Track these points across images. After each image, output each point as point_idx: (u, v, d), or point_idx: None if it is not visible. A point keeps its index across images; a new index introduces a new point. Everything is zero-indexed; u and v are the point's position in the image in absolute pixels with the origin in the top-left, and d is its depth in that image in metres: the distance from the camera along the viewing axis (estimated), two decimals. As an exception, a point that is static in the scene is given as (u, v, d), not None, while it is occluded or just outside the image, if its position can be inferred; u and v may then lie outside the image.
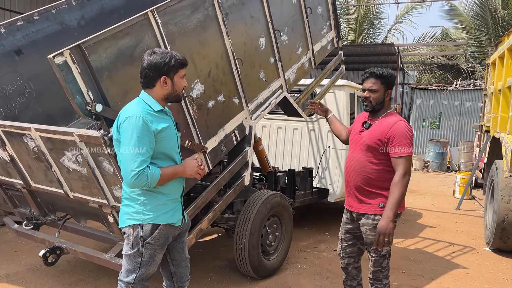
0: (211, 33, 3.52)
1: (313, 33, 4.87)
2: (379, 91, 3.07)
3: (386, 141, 2.98)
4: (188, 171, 2.49)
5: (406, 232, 6.61)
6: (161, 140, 2.38)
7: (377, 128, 3.07)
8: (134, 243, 2.41)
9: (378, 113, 3.14)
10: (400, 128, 2.98)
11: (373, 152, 3.05)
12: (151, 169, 2.29)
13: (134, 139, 2.27)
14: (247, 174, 3.98)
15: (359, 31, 20.11)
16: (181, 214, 2.59)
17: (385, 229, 2.85)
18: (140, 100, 2.41)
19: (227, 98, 3.72)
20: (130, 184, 2.29)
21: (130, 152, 2.26)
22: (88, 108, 2.58)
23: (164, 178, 2.37)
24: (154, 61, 2.37)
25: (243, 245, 4.11)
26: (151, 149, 2.33)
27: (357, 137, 3.20)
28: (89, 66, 2.58)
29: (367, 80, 3.12)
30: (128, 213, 2.42)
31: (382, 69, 3.11)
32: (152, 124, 2.33)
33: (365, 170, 3.08)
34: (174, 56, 2.42)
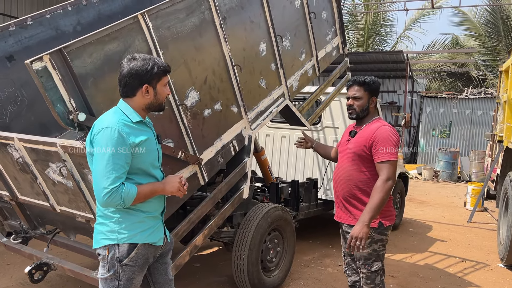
0: (207, 38, 3.33)
1: (317, 39, 4.68)
2: (363, 98, 3.01)
3: (370, 147, 2.88)
4: (168, 188, 2.28)
5: (415, 246, 6.34)
6: (138, 154, 2.18)
7: (362, 135, 2.98)
8: (110, 265, 2.21)
9: (363, 120, 3.06)
10: (383, 132, 2.87)
11: (361, 160, 2.94)
12: (126, 186, 2.09)
13: (108, 154, 2.07)
14: (246, 186, 3.77)
15: (368, 38, 19.91)
16: (163, 232, 2.39)
17: (358, 233, 2.69)
18: (118, 110, 2.22)
19: (224, 107, 3.53)
20: (102, 203, 2.09)
21: (103, 167, 2.06)
22: (70, 117, 2.40)
23: (141, 197, 2.17)
24: (135, 68, 2.18)
25: (241, 262, 3.89)
26: (127, 164, 2.13)
27: (344, 146, 3.11)
28: (72, 72, 2.40)
29: (350, 88, 3.07)
30: (103, 232, 2.22)
31: (365, 77, 3.06)
32: (129, 136, 2.13)
33: (353, 179, 2.96)
34: (156, 62, 2.22)
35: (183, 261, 3.22)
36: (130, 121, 2.20)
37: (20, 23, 4.07)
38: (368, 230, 2.70)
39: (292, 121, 4.61)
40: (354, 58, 16.66)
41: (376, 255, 2.97)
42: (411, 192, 11.52)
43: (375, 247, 2.95)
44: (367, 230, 2.70)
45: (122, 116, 2.19)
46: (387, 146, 2.83)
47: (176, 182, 2.31)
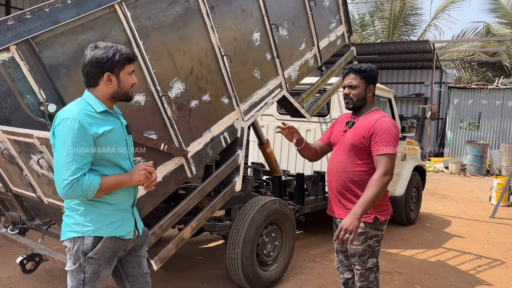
0: (193, 28, 3.26)
1: (318, 28, 4.53)
2: (359, 86, 2.86)
3: (369, 138, 2.75)
4: (135, 178, 2.22)
5: (429, 242, 6.12)
6: (103, 145, 2.14)
7: (361, 125, 2.84)
8: (75, 258, 2.18)
9: (361, 110, 2.92)
10: (384, 124, 2.74)
11: (357, 152, 2.81)
12: (88, 178, 2.05)
13: (68, 144, 2.03)
14: (238, 179, 3.70)
15: (393, 28, 19.36)
16: (133, 225, 2.34)
17: (348, 225, 2.54)
18: (81, 101, 2.18)
19: (214, 98, 3.46)
20: (62, 195, 2.05)
21: (64, 158, 2.03)
22: (41, 108, 2.39)
23: (105, 188, 2.12)
24: (96, 56, 2.13)
25: (235, 255, 3.83)
26: (90, 155, 2.09)
27: (340, 137, 2.95)
28: (41, 63, 2.38)
29: (346, 76, 2.93)
30: (68, 225, 2.20)
31: (362, 64, 2.92)
32: (91, 127, 2.09)
33: (348, 172, 2.83)
34: (119, 50, 2.17)
35: (168, 254, 3.18)
36: (94, 111, 2.16)
37: (19, 17, 4.11)
38: (359, 224, 2.57)
39: (292, 112, 4.49)
40: (379, 49, 16.26)
41: (371, 251, 2.85)
42: (434, 186, 11.17)
43: (370, 243, 2.83)
44: (358, 223, 2.56)
45: (85, 106, 2.15)
46: (386, 138, 2.70)
47: (142, 170, 2.24)
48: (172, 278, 4.34)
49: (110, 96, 2.22)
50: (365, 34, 20.45)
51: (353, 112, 2.98)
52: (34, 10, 4.22)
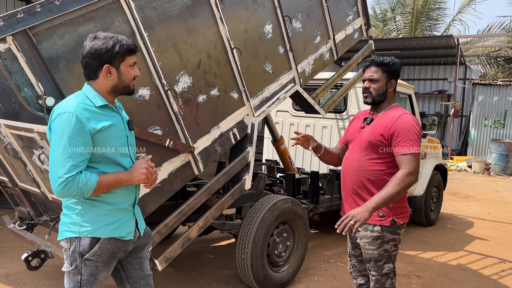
0: (201, 19, 3.14)
1: (335, 20, 4.36)
2: (380, 80, 2.69)
3: (390, 137, 2.58)
4: (135, 176, 2.10)
5: (450, 244, 5.88)
6: (101, 141, 2.03)
7: (380, 122, 2.66)
8: (72, 259, 2.09)
9: (380, 106, 2.74)
10: (406, 122, 2.57)
11: (375, 150, 2.64)
12: (84, 175, 1.95)
13: (65, 140, 1.93)
14: (248, 177, 3.57)
15: (416, 23, 18.87)
16: (133, 226, 2.23)
17: (357, 214, 2.35)
18: (80, 94, 2.07)
19: (223, 92, 3.33)
20: (57, 193, 1.95)
21: (59, 155, 1.93)
22: (40, 102, 2.30)
23: (103, 187, 2.02)
24: (94, 47, 2.02)
25: (245, 255, 3.71)
26: (87, 152, 1.98)
27: (356, 134, 2.78)
28: (40, 55, 2.30)
29: (367, 69, 2.76)
30: (66, 224, 2.10)
31: (384, 57, 2.73)
32: (89, 122, 1.98)
33: (365, 170, 2.66)
34: (119, 41, 2.06)
35: (173, 254, 3.08)
36: (93, 105, 2.05)
37: (29, 10, 4.06)
38: (368, 217, 2.39)
39: (306, 108, 4.34)
40: (400, 44, 15.87)
41: (388, 256, 2.69)
42: (457, 185, 10.83)
43: (386, 247, 2.67)
44: (368, 216, 2.38)
45: (84, 100, 2.05)
46: (410, 137, 2.53)
47: (143, 168, 2.13)
48: (181, 277, 4.25)
49: (110, 89, 2.11)
50: (386, 30, 20.01)
51: (371, 107, 2.81)
52: (44, 3, 4.16)
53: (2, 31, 2.31)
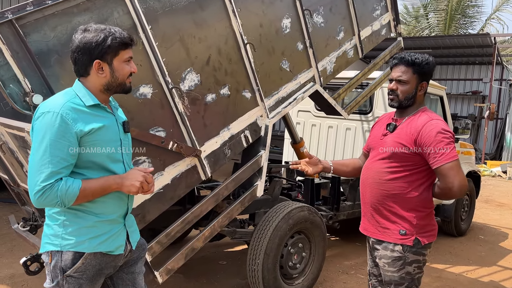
0: (211, 12, 2.90)
1: (360, 15, 4.04)
2: (409, 82, 2.34)
3: (417, 148, 2.27)
4: (127, 184, 1.86)
5: (482, 258, 5.46)
6: (89, 145, 1.80)
7: (404, 131, 2.34)
8: (53, 275, 1.88)
9: (406, 111, 2.41)
10: (433, 129, 2.23)
11: (398, 162, 2.33)
12: (64, 182, 1.73)
13: (46, 143, 1.72)
14: (260, 183, 3.31)
15: (450, 21, 18.11)
16: (124, 239, 2.00)
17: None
18: (70, 92, 1.86)
19: (234, 91, 3.08)
20: (34, 203, 1.74)
21: (39, 160, 1.72)
22: (26, 99, 2.11)
23: (88, 194, 1.79)
24: (84, 41, 1.80)
25: (256, 267, 3.46)
26: (72, 157, 1.76)
27: (378, 142, 2.46)
28: (27, 48, 2.10)
29: (395, 68, 2.40)
30: (47, 236, 1.89)
31: (416, 54, 2.36)
32: (76, 123, 1.76)
33: (386, 183, 2.35)
34: (112, 33, 1.83)
35: (176, 265, 2.85)
36: (83, 104, 1.83)
37: (38, 2, 3.93)
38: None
39: (327, 109, 4.04)
40: (433, 43, 15.27)
41: (410, 279, 2.37)
42: (490, 192, 10.27)
43: (409, 269, 2.35)
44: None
45: (72, 98, 1.82)
46: (441, 145, 2.21)
47: (139, 177, 1.88)
48: (190, 285, 4.04)
49: (103, 87, 1.89)
50: (418, 28, 19.31)
51: (396, 111, 2.48)
52: None
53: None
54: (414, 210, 2.33)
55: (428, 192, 2.37)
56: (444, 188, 2.24)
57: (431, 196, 2.38)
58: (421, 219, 2.34)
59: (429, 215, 2.40)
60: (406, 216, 2.32)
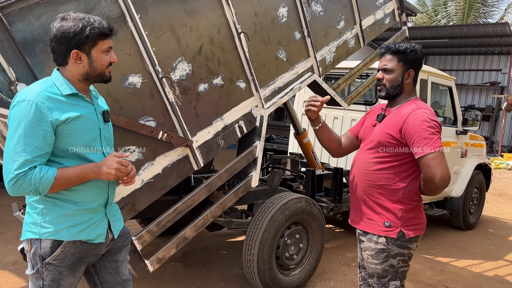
0: (203, 0, 2.87)
1: (362, 4, 3.96)
2: (395, 71, 2.32)
3: (402, 138, 2.24)
4: (104, 170, 1.85)
5: (488, 252, 5.36)
6: (66, 134, 1.81)
7: (391, 120, 2.31)
8: (33, 262, 1.91)
9: (396, 100, 2.38)
10: (418, 118, 2.20)
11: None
12: (39, 170, 1.74)
13: (20, 132, 1.73)
14: (255, 173, 3.29)
15: (469, 9, 17.66)
16: (105, 228, 2.01)
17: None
18: (47, 80, 1.86)
19: (227, 81, 3.06)
20: (9, 190, 1.76)
21: (12, 148, 1.73)
22: (12, 88, 2.13)
23: (63, 182, 1.80)
24: (61, 30, 1.80)
25: (251, 257, 3.45)
26: (48, 146, 1.77)
27: (368, 132, 2.45)
28: (12, 37, 2.11)
29: (382, 57, 2.39)
30: (27, 223, 1.92)
31: (401, 43, 2.34)
32: (52, 112, 1.77)
33: (372, 174, 2.33)
34: (91, 23, 1.82)
35: (167, 254, 2.87)
36: (60, 93, 1.84)
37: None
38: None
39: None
40: (450, 32, 14.91)
41: (394, 272, 2.35)
42: (504, 185, 10.05)
43: (392, 262, 2.33)
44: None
45: (49, 87, 1.83)
46: (423, 135, 2.17)
47: (114, 164, 1.86)
48: (189, 274, 4.06)
49: (81, 77, 1.89)
50: (435, 18, 18.89)
51: (388, 102, 2.45)
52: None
53: None
54: (399, 202, 2.30)
55: (415, 185, 2.33)
56: (426, 179, 2.20)
57: (417, 188, 2.34)
58: (407, 212, 2.31)
59: (416, 208, 2.36)
60: (391, 208, 2.29)
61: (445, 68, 17.77)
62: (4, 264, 4.05)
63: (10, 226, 5.07)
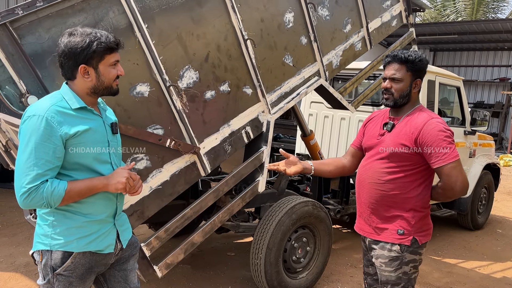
0: (210, 8, 2.89)
1: (369, 7, 3.95)
2: (403, 80, 2.31)
3: (418, 148, 2.26)
4: (113, 183, 1.90)
5: (497, 253, 5.34)
6: (75, 147, 1.85)
7: (403, 130, 2.31)
8: (44, 273, 1.95)
9: (402, 109, 2.37)
10: (434, 128, 2.22)
11: (397, 161, 2.31)
12: (50, 184, 1.78)
13: (31, 146, 1.77)
14: (262, 178, 3.31)
15: (478, 5, 17.49)
16: (114, 238, 2.05)
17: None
18: (56, 95, 1.90)
19: (234, 88, 3.08)
20: (21, 204, 1.80)
21: (24, 162, 1.77)
22: (22, 100, 2.17)
23: (74, 195, 1.84)
24: (69, 46, 1.83)
25: (259, 261, 3.48)
26: (58, 159, 1.81)
27: (374, 141, 2.43)
28: (22, 50, 2.15)
29: (388, 66, 2.37)
30: (38, 235, 1.96)
31: (409, 52, 2.33)
32: (61, 126, 1.80)
33: (385, 184, 2.33)
34: (97, 38, 1.85)
35: (175, 259, 2.91)
36: (69, 107, 1.88)
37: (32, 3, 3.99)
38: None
39: (333, 103, 3.99)
40: (459, 28, 14.79)
41: (407, 279, 2.37)
42: (515, 184, 9.98)
43: (405, 269, 2.35)
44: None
45: (59, 101, 1.87)
46: (444, 144, 2.20)
47: (123, 177, 1.92)
48: (197, 276, 4.11)
49: (89, 90, 1.93)
50: (443, 14, 18.72)
51: (391, 110, 2.45)
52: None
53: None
54: (412, 210, 2.32)
55: (427, 192, 2.34)
56: (446, 188, 2.24)
57: (429, 196, 2.35)
58: (420, 219, 2.33)
59: (427, 215, 2.39)
60: (405, 216, 2.31)
61: (454, 64, 17.63)
62: (16, 266, 4.12)
63: (22, 227, 5.14)
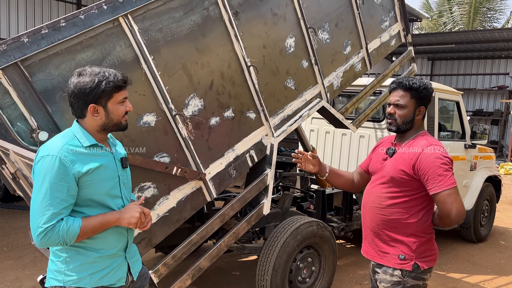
0: (213, 37, 2.95)
1: (368, 28, 4.02)
2: (407, 107, 2.36)
3: (415, 174, 2.29)
4: (125, 218, 1.95)
5: (501, 266, 5.36)
6: (87, 184, 1.90)
7: (403, 156, 2.36)
8: None
9: (405, 135, 2.43)
10: (429, 156, 2.26)
11: (397, 187, 2.35)
12: (65, 222, 1.82)
13: (46, 186, 1.81)
14: (267, 201, 3.35)
15: (474, 14, 17.64)
16: (125, 272, 2.09)
17: None
18: (68, 133, 1.95)
19: (238, 113, 3.14)
20: (38, 244, 1.84)
21: (39, 202, 1.81)
22: (33, 136, 2.22)
23: (88, 231, 1.89)
24: (78, 86, 1.89)
25: (264, 283, 3.51)
26: (71, 197, 1.86)
27: (378, 166, 2.49)
28: (33, 88, 2.20)
29: (393, 92, 2.43)
30: (51, 271, 2.00)
31: (414, 79, 2.38)
32: (74, 165, 1.85)
33: (385, 209, 2.38)
34: (106, 77, 1.90)
35: (183, 285, 2.94)
36: (80, 145, 1.93)
37: (53, 25, 4.03)
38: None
39: (335, 123, 4.05)
40: (456, 38, 14.89)
41: None
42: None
43: None
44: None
45: (70, 140, 1.92)
46: (438, 172, 2.23)
47: (136, 213, 1.98)
48: (203, 297, 4.13)
49: (99, 128, 1.98)
50: (441, 22, 18.87)
51: (396, 135, 2.51)
52: (68, 18, 4.13)
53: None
54: (413, 235, 2.35)
55: (428, 218, 2.38)
56: (443, 215, 2.26)
57: (430, 221, 2.39)
58: (421, 244, 2.36)
59: (430, 240, 2.41)
60: (406, 241, 2.34)
61: (452, 72, 17.74)
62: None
63: (27, 249, 5.17)
